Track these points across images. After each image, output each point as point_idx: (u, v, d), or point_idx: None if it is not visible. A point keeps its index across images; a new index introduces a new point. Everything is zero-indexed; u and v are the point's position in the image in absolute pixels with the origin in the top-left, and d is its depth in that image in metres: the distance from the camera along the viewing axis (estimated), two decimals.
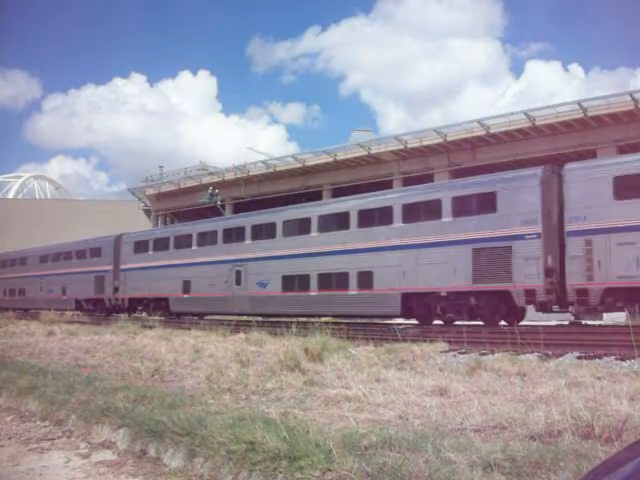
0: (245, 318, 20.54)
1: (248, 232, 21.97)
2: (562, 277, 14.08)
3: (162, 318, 22.97)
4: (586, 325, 15.41)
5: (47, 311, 24.26)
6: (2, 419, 6.74)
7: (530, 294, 14.36)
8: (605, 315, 16.08)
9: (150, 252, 26.90)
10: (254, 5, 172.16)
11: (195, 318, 23.60)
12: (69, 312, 27.63)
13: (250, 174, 42.41)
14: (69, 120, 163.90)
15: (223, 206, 43.01)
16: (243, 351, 10.62)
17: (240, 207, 41.20)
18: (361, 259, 17.95)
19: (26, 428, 6.26)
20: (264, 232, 21.49)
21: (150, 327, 17.08)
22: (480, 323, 15.34)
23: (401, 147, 34.96)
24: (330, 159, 37.92)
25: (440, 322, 16.73)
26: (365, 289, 17.75)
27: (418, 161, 35.19)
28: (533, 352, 9.64)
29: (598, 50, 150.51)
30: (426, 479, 3.40)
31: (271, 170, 41.10)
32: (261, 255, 21.10)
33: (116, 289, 28.67)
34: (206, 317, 23.99)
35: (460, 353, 10.27)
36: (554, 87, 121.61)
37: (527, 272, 14.42)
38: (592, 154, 26.49)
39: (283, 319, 18.58)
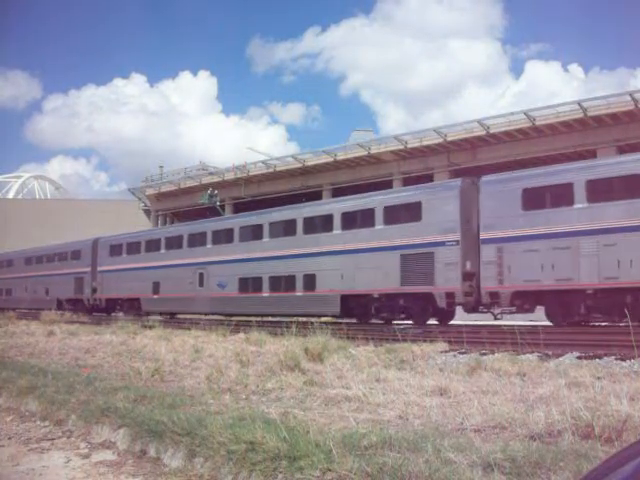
0: (245, 318, 20.99)
1: (209, 237, 23.66)
2: (479, 281, 15.34)
3: (134, 317, 23.64)
4: (586, 325, 15.41)
5: (29, 310, 25.07)
6: (2, 419, 6.74)
7: (450, 296, 15.79)
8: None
9: (124, 255, 28.49)
10: (254, 5, 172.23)
11: (195, 318, 23.69)
12: (68, 313, 27.66)
13: (250, 174, 42.43)
14: (69, 120, 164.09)
15: (223, 206, 43.03)
16: (243, 351, 10.62)
17: (240, 207, 41.22)
18: (306, 263, 19.38)
19: (26, 428, 6.26)
20: (223, 237, 23.10)
21: (150, 327, 17.09)
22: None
23: (401, 147, 34.97)
24: (330, 159, 37.93)
25: (384, 321, 17.98)
26: (309, 291, 19.25)
27: (418, 161, 35.20)
28: (533, 352, 9.64)
29: (598, 50, 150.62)
30: (426, 479, 3.41)
31: (271, 170, 41.11)
32: (220, 259, 22.60)
33: (94, 290, 30.14)
34: (177, 316, 25.20)
35: (460, 353, 10.27)
36: (554, 87, 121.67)
37: (447, 276, 15.81)
38: (592, 154, 26.52)
39: (283, 319, 18.80)
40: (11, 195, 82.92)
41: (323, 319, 17.69)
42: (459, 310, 16.96)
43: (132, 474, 4.61)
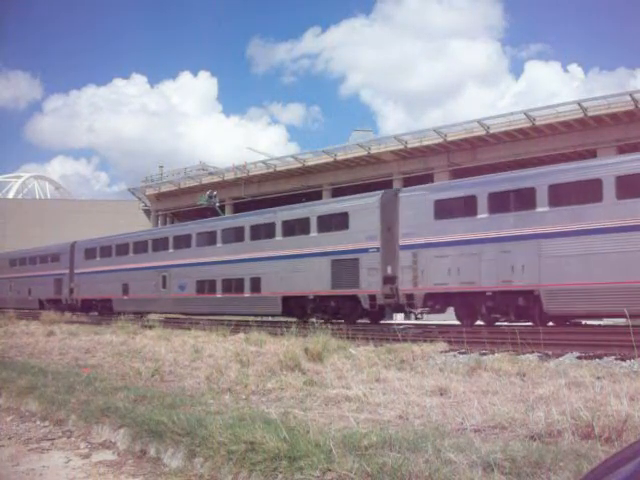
0: (245, 318, 21.25)
1: (171, 242, 25.69)
2: (397, 284, 16.96)
3: (104, 316, 25.00)
4: (586, 325, 15.44)
5: (13, 310, 26.07)
6: (2, 419, 6.74)
7: (372, 298, 17.45)
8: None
9: (97, 258, 30.60)
10: (254, 6, 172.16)
11: (195, 318, 23.74)
12: (68, 312, 27.82)
13: (250, 174, 42.40)
14: (70, 120, 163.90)
15: (223, 206, 43.02)
16: (243, 351, 10.62)
17: (240, 207, 41.19)
18: (252, 267, 21.16)
19: (26, 428, 6.27)
20: (183, 243, 25.04)
21: (150, 327, 17.09)
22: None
23: (401, 147, 34.96)
24: (330, 159, 37.91)
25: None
26: (256, 292, 21.10)
27: (418, 161, 35.18)
28: (533, 352, 9.64)
29: (597, 51, 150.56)
30: (426, 479, 3.41)
31: (271, 170, 41.09)
32: (180, 262, 24.57)
33: (71, 291, 32.15)
34: (145, 315, 26.07)
35: (460, 353, 10.27)
36: (554, 88, 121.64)
37: (370, 280, 17.52)
38: (592, 154, 26.51)
39: (283, 319, 18.98)
40: (11, 195, 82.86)
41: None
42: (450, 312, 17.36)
43: (132, 474, 4.61)
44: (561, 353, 9.79)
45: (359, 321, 18.98)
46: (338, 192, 34.60)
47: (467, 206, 15.83)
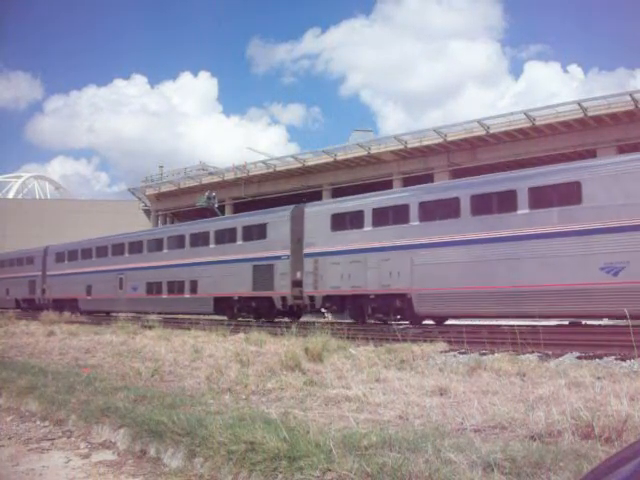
0: (244, 318, 21.67)
1: (127, 248, 28.65)
2: (298, 285, 19.61)
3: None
4: (586, 325, 15.44)
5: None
6: (2, 419, 6.74)
7: (284, 300, 20.13)
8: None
9: (66, 262, 33.50)
10: (254, 7, 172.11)
11: (195, 318, 23.83)
12: (67, 313, 27.96)
13: (250, 174, 42.38)
14: (70, 121, 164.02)
15: (223, 207, 43.02)
16: (243, 351, 10.62)
17: (240, 207, 41.19)
18: (191, 271, 23.92)
19: (26, 428, 6.26)
20: (136, 248, 28.06)
21: (150, 327, 17.09)
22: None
23: (401, 147, 34.95)
24: (330, 159, 37.90)
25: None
26: (193, 294, 23.88)
27: (418, 161, 35.19)
28: (533, 352, 9.64)
29: (597, 51, 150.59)
30: (426, 479, 3.41)
31: (271, 170, 41.08)
32: (134, 266, 27.51)
33: (43, 291, 35.08)
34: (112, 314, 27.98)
35: (460, 353, 10.27)
36: (553, 88, 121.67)
37: (282, 284, 20.09)
38: (592, 154, 26.51)
39: (283, 320, 19.10)
40: (11, 195, 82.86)
41: (322, 320, 18.29)
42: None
43: (132, 474, 4.61)
44: (561, 353, 9.79)
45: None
46: (338, 192, 34.61)
47: (356, 220, 18.37)
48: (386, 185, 32.75)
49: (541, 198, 14.56)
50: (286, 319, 20.79)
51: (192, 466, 4.44)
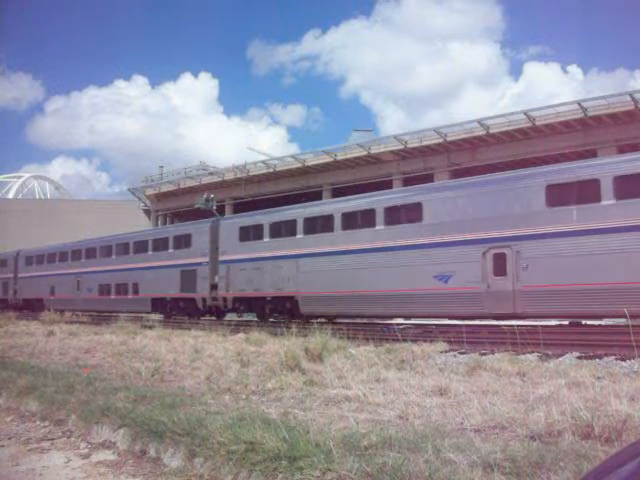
0: (244, 318, 21.79)
1: (83, 253, 32.12)
2: (217, 288, 22.42)
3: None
4: (586, 325, 15.44)
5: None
6: (2, 419, 6.74)
7: (204, 300, 23.13)
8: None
9: (34, 265, 36.78)
10: (254, 8, 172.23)
11: (194, 318, 23.93)
12: (68, 312, 27.99)
13: (250, 174, 42.36)
14: (71, 121, 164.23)
15: (223, 207, 42.99)
16: (243, 351, 10.62)
17: (240, 207, 41.18)
18: (134, 275, 27.03)
19: (26, 428, 6.26)
20: (90, 253, 31.46)
21: (150, 327, 17.08)
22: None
23: (401, 147, 34.94)
24: (330, 159, 37.89)
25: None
26: (135, 295, 27.04)
27: (418, 161, 35.17)
28: (533, 352, 9.63)
29: (597, 52, 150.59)
30: (426, 479, 3.40)
31: (271, 170, 41.05)
32: (88, 270, 31.00)
33: (15, 292, 38.35)
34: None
35: (460, 353, 10.27)
36: (553, 88, 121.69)
37: (202, 287, 23.14)
38: (592, 154, 26.48)
39: (283, 319, 19.18)
40: (11, 195, 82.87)
41: (322, 320, 18.41)
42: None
43: (132, 474, 4.61)
44: (561, 353, 9.79)
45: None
46: (338, 192, 34.59)
47: (257, 232, 21.33)
48: (386, 185, 32.74)
49: (396, 216, 17.22)
50: (213, 317, 23.64)
51: (192, 466, 4.43)
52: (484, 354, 9.74)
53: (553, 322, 16.00)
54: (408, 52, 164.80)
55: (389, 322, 19.25)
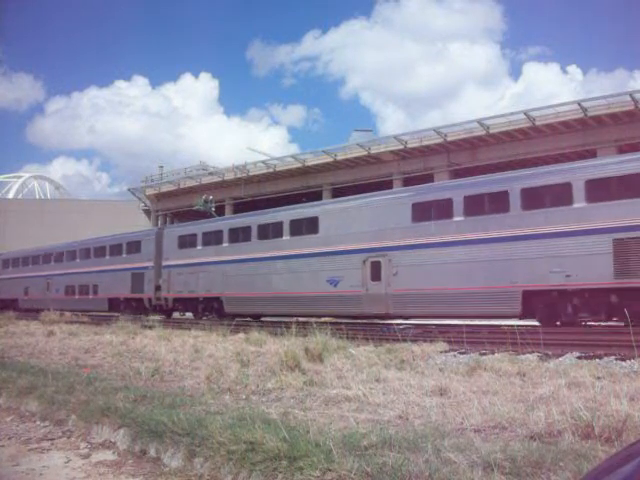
0: (244, 319, 21.90)
1: (53, 258, 35.13)
2: (161, 290, 25.38)
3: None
4: (586, 325, 15.44)
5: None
6: (2, 419, 6.74)
7: (150, 300, 26.19)
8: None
9: (10, 268, 40.31)
10: (254, 9, 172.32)
11: (194, 318, 23.98)
12: (68, 313, 28.12)
13: (250, 174, 42.35)
14: (72, 122, 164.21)
15: (223, 207, 42.98)
16: (243, 351, 10.62)
17: (240, 207, 41.17)
18: (94, 277, 30.28)
19: (26, 428, 6.26)
20: (59, 258, 34.40)
21: (150, 327, 17.07)
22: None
23: (401, 147, 34.94)
24: (330, 159, 37.88)
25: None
26: (95, 295, 30.19)
27: (418, 161, 35.17)
28: (533, 352, 9.62)
29: (596, 52, 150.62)
30: (426, 479, 3.40)
31: (271, 170, 41.05)
32: (56, 272, 34.07)
33: None
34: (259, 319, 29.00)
35: (460, 353, 10.26)
36: (553, 89, 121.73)
37: (149, 288, 26.15)
38: (592, 154, 26.49)
39: (284, 319, 19.21)
40: (11, 195, 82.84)
41: (322, 319, 18.47)
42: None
43: (132, 474, 4.61)
44: (561, 353, 9.78)
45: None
46: (338, 192, 34.60)
47: (193, 241, 24.11)
48: (386, 185, 32.73)
49: (299, 228, 20.07)
50: (164, 316, 25.91)
51: (192, 466, 4.43)
52: (484, 354, 9.74)
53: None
54: (408, 53, 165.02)
55: (389, 322, 19.26)
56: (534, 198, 14.70)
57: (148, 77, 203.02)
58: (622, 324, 12.48)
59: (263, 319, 22.33)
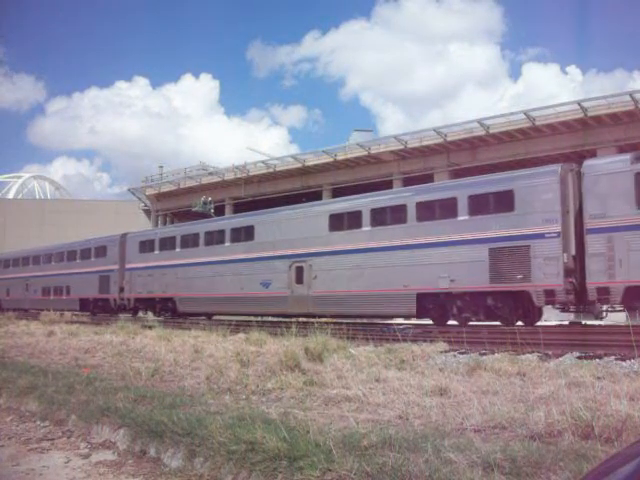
0: (245, 318, 21.91)
1: (31, 260, 37.76)
2: (124, 290, 27.72)
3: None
4: (585, 325, 15.45)
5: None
6: (2, 419, 6.74)
7: (114, 300, 28.55)
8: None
9: None
10: (255, 10, 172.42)
11: (196, 318, 24.03)
12: (68, 313, 28.23)
13: (250, 174, 42.34)
14: (72, 122, 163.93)
15: (223, 207, 42.98)
16: (243, 351, 10.60)
17: (240, 207, 41.16)
18: (66, 279, 32.90)
19: (26, 428, 6.26)
20: (36, 261, 37.17)
21: (150, 327, 17.07)
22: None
23: (401, 147, 34.93)
24: (330, 159, 37.87)
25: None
26: (68, 296, 32.56)
27: (418, 161, 35.16)
28: (533, 352, 9.62)
29: (595, 53, 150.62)
30: (426, 479, 3.40)
31: (271, 170, 41.04)
32: (34, 274, 36.58)
33: None
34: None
35: (460, 353, 10.26)
36: (552, 89, 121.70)
37: (114, 289, 28.43)
38: (592, 154, 26.47)
39: (284, 319, 19.24)
40: (11, 195, 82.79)
41: (322, 319, 18.60)
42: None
43: (132, 474, 4.61)
44: (561, 353, 9.77)
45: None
46: (338, 192, 34.56)
47: (150, 246, 26.36)
48: (386, 185, 32.73)
49: (237, 235, 22.19)
50: (130, 314, 27.60)
51: (192, 466, 4.43)
52: (484, 354, 9.73)
53: (553, 322, 16.00)
54: (408, 53, 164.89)
55: (389, 322, 19.27)
56: (427, 211, 16.42)
57: (149, 78, 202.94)
58: (499, 323, 14.86)
59: (263, 319, 22.40)
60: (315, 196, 36.03)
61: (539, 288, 13.89)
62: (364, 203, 18.18)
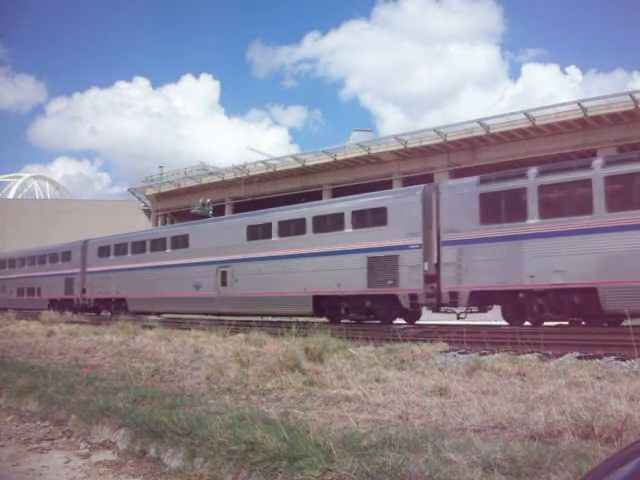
0: (244, 318, 21.89)
1: (7, 263, 40.33)
2: (84, 291, 30.64)
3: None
4: (586, 325, 15.44)
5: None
6: (2, 419, 6.74)
7: (77, 300, 30.78)
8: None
9: None
10: (255, 10, 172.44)
11: (195, 318, 24.06)
12: (68, 312, 28.32)
13: (250, 174, 42.32)
14: (73, 123, 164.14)
15: (223, 207, 42.97)
16: (243, 351, 10.60)
17: (240, 207, 41.15)
18: (37, 281, 35.22)
19: (26, 428, 6.26)
20: (12, 264, 39.58)
21: (150, 327, 17.06)
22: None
23: (401, 147, 34.93)
24: (330, 159, 37.86)
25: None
26: (39, 296, 34.87)
27: (418, 161, 35.15)
28: (533, 352, 9.61)
29: (595, 53, 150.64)
30: (426, 479, 3.40)
31: (271, 170, 41.02)
32: (9, 277, 39.22)
33: None
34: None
35: (460, 353, 10.25)
36: (552, 90, 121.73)
37: (77, 290, 30.89)
38: (592, 154, 26.45)
39: (284, 319, 19.31)
40: (11, 195, 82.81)
41: (323, 320, 18.73)
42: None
43: (132, 474, 4.61)
44: (561, 353, 9.76)
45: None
46: (338, 192, 34.55)
47: (107, 251, 29.12)
48: (386, 185, 32.72)
49: (176, 242, 24.76)
50: (93, 314, 29.90)
51: (192, 466, 4.43)
52: (484, 354, 9.72)
53: (553, 322, 15.96)
54: (407, 54, 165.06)
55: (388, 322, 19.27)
56: (321, 224, 18.83)
57: (149, 78, 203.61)
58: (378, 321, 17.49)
59: (263, 319, 22.46)
60: (315, 196, 36.01)
61: (405, 292, 16.27)
62: (273, 217, 20.79)
